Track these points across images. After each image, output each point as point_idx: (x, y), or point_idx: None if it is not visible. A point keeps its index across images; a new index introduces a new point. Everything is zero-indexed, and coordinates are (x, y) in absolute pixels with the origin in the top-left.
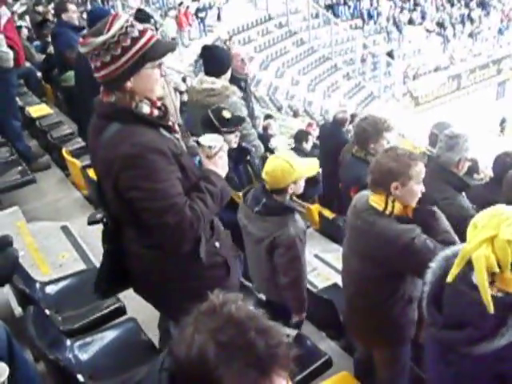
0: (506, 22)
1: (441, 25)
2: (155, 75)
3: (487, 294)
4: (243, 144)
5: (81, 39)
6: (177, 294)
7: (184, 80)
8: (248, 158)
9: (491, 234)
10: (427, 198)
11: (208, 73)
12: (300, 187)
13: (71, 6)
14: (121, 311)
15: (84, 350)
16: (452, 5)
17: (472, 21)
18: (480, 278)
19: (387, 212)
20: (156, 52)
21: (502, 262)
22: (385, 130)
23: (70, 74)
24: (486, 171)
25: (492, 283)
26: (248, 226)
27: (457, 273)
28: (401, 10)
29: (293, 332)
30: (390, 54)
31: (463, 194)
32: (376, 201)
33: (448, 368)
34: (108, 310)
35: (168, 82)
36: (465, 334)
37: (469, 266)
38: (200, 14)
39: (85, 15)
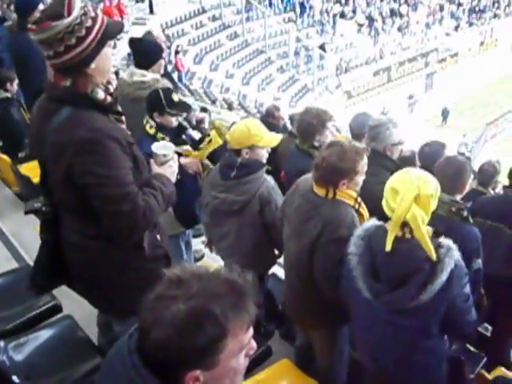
0: (432, 17)
1: (371, 19)
2: (110, 54)
3: (429, 245)
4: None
5: (33, 26)
6: (115, 286)
7: (117, 73)
8: (185, 133)
9: (415, 193)
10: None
11: (138, 65)
12: (259, 155)
13: None
14: (57, 309)
15: (19, 351)
16: None
17: (401, 15)
18: (420, 233)
19: (329, 197)
20: (112, 30)
21: (425, 213)
22: (328, 120)
23: None
24: None
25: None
26: (228, 198)
27: (393, 239)
28: (333, 3)
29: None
30: (322, 47)
31: None
32: (318, 190)
33: (397, 327)
34: (43, 308)
35: None
36: (409, 286)
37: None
38: None
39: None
